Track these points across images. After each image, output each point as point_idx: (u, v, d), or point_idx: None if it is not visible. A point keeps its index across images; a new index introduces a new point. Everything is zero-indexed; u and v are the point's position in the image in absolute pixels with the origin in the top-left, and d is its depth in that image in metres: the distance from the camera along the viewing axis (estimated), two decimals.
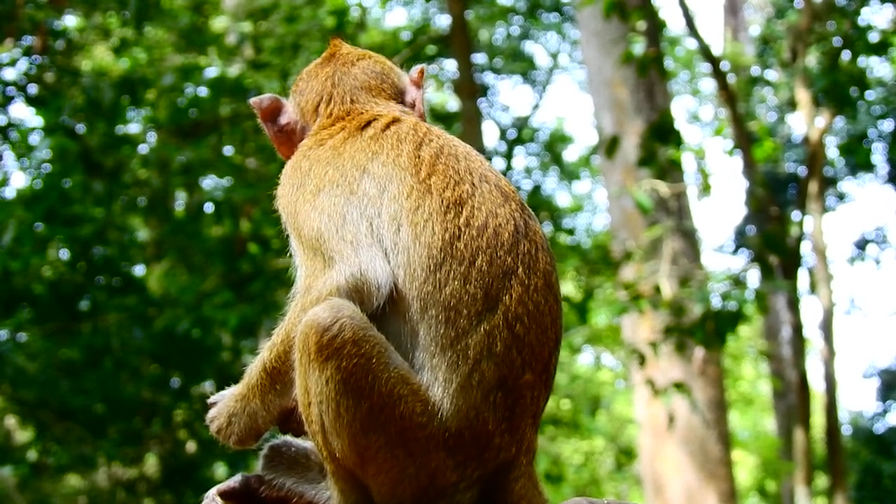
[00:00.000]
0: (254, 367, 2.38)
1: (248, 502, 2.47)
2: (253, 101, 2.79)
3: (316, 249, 2.34)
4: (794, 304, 14.01)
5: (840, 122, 17.00)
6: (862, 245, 20.38)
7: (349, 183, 2.40)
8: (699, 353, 9.74)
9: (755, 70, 17.63)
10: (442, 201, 2.34)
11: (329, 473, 2.30)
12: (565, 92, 44.12)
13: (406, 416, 2.17)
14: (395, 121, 2.57)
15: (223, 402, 2.43)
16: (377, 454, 2.20)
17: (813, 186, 14.04)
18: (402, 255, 2.29)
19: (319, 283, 2.29)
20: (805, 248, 15.24)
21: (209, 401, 2.49)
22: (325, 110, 2.70)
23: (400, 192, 2.36)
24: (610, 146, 8.90)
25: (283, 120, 2.78)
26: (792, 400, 15.95)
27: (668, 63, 20.06)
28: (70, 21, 12.13)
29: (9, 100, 10.26)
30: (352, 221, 2.34)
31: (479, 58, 18.50)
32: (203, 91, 11.67)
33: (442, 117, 18.10)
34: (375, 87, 2.75)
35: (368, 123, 2.56)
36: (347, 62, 2.80)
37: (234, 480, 2.49)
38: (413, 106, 2.78)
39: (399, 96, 2.79)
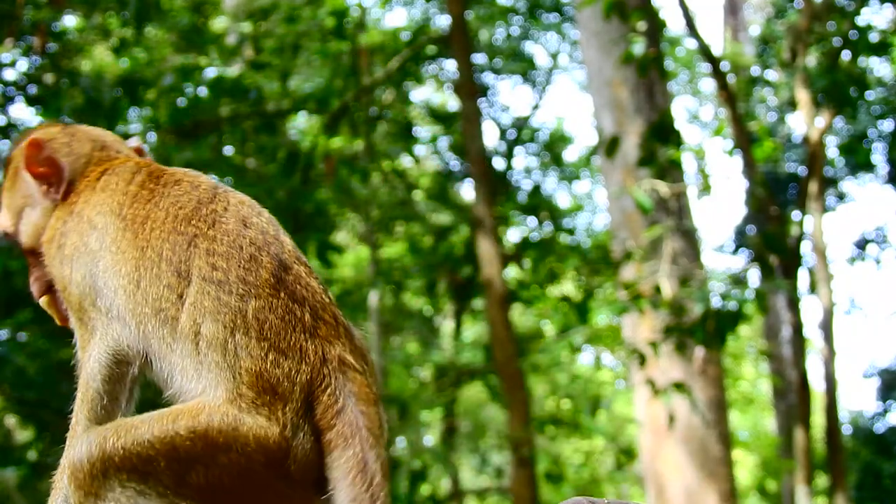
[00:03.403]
0: None
1: None
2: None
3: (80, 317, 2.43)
4: (794, 304, 14.01)
5: (840, 122, 17.00)
6: (862, 245, 20.38)
7: (85, 244, 2.43)
8: (699, 353, 9.74)
9: (755, 70, 17.63)
10: (134, 227, 2.37)
11: None
12: (565, 92, 44.16)
13: (211, 437, 2.14)
14: (123, 162, 2.58)
15: None
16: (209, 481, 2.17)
17: (813, 186, 14.05)
18: (116, 299, 2.33)
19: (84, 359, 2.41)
20: (805, 248, 15.25)
21: None
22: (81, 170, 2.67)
23: (110, 238, 2.39)
24: (610, 146, 8.90)
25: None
26: (792, 400, 15.95)
27: (669, 63, 20.05)
28: (70, 21, 12.13)
29: (9, 100, 10.26)
30: (94, 287, 2.38)
31: (479, 58, 18.49)
32: (203, 91, 11.67)
33: (442, 117, 18.12)
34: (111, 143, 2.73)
35: (103, 173, 2.56)
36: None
37: None
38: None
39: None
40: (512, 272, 17.16)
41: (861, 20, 12.00)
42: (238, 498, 2.18)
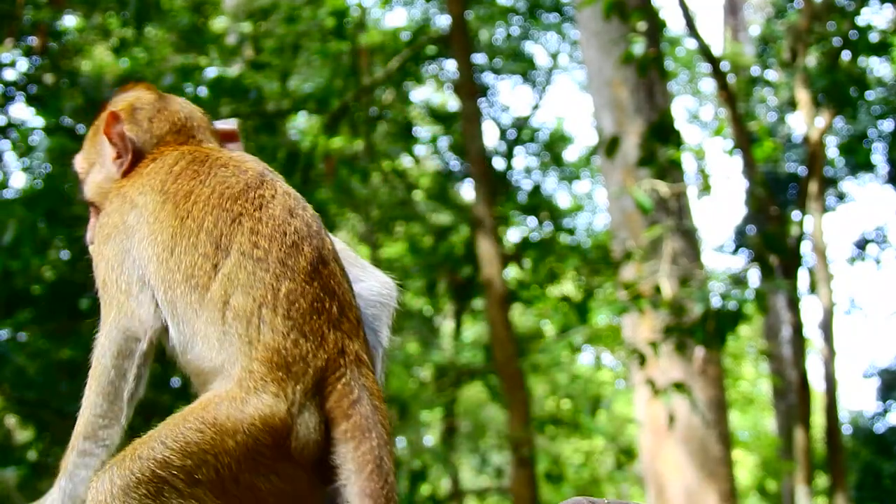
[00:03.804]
0: None
1: None
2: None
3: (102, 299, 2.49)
4: (794, 304, 14.01)
5: (840, 122, 17.01)
6: (862, 245, 20.38)
7: (124, 222, 2.51)
8: (699, 353, 9.74)
9: (755, 70, 17.63)
10: (176, 199, 2.43)
11: None
12: (565, 92, 44.16)
13: (220, 423, 2.18)
14: (172, 151, 2.64)
15: None
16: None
17: (813, 186, 14.05)
18: (148, 266, 2.40)
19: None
20: (805, 248, 15.25)
21: None
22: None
23: (148, 212, 2.46)
24: (610, 146, 8.90)
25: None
26: (792, 400, 15.95)
27: (669, 63, 20.05)
28: (70, 21, 12.13)
29: (9, 100, 10.26)
30: (124, 264, 2.46)
31: (479, 58, 18.49)
32: (203, 91, 11.67)
33: (442, 117, 18.12)
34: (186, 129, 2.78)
35: (154, 159, 2.63)
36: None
37: None
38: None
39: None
40: (512, 272, 17.16)
41: (861, 20, 12.00)
42: (247, 487, 2.19)
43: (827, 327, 15.14)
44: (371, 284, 2.59)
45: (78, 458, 2.39)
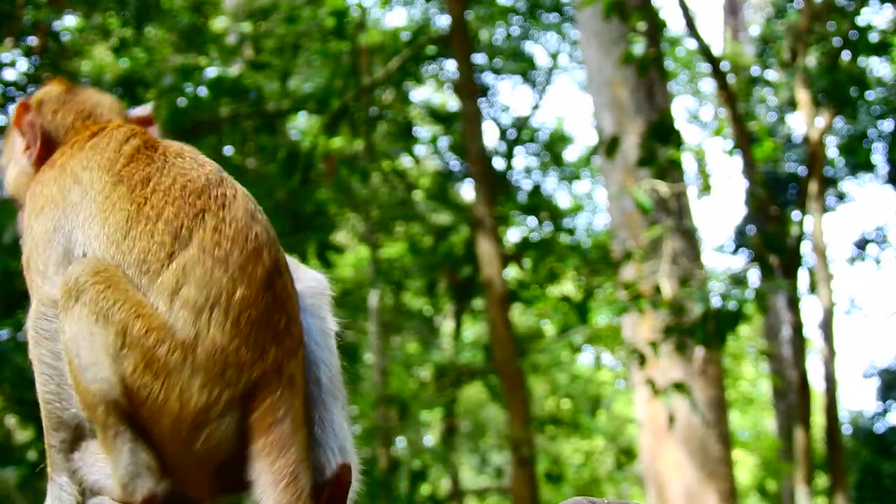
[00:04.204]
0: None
1: None
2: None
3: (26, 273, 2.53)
4: (794, 304, 14.01)
5: (840, 122, 17.01)
6: (862, 245, 20.39)
7: (63, 197, 2.51)
8: (699, 353, 9.74)
9: (755, 70, 17.63)
10: (131, 184, 2.44)
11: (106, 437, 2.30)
12: (565, 92, 44.16)
13: (144, 336, 2.24)
14: (118, 127, 2.65)
15: None
16: (135, 380, 2.24)
17: (813, 186, 14.05)
18: (93, 243, 2.41)
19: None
20: (805, 248, 15.25)
21: None
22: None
23: (95, 191, 2.46)
24: (610, 146, 8.90)
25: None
26: (792, 400, 15.95)
27: (669, 63, 20.06)
28: (70, 21, 12.13)
29: (9, 100, 10.25)
30: (51, 243, 2.48)
31: (479, 58, 18.49)
32: (203, 91, 11.66)
33: (442, 117, 18.12)
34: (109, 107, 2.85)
35: (94, 135, 2.64)
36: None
37: None
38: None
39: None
40: (512, 272, 17.15)
41: (861, 20, 12.00)
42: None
43: (827, 327, 15.14)
44: (307, 280, 2.57)
45: (57, 454, 2.40)
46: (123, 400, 2.24)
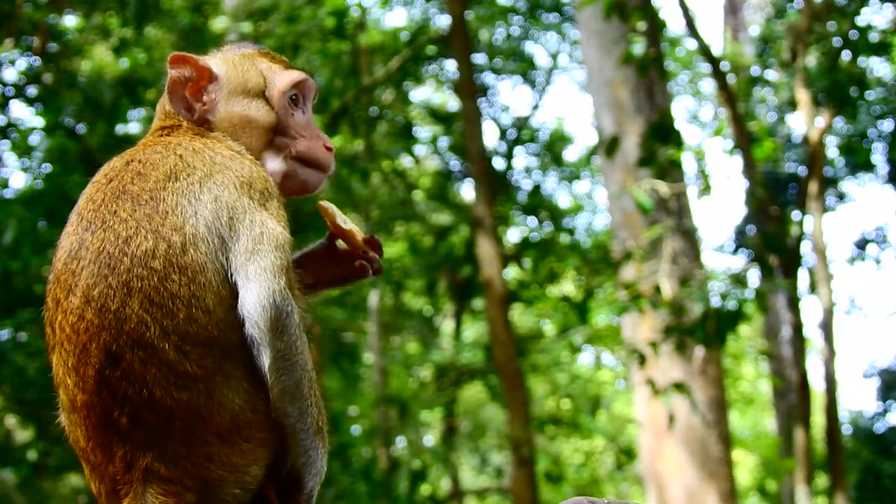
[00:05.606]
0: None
1: None
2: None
3: None
4: (794, 304, 14.00)
5: (840, 122, 17.00)
6: (862, 245, 20.38)
7: None
8: (699, 352, 9.74)
9: (755, 70, 17.63)
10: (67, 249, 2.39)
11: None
12: (565, 92, 44.16)
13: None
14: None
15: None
16: None
17: (813, 186, 14.04)
18: None
19: None
20: (805, 248, 15.25)
21: None
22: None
23: None
24: (610, 146, 8.90)
25: None
26: (792, 400, 15.94)
27: (669, 63, 20.05)
28: (70, 21, 12.13)
29: (9, 100, 10.26)
30: None
31: (479, 58, 18.49)
32: None
33: (442, 117, 18.12)
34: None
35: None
36: None
37: None
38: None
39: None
40: (512, 272, 17.16)
41: (861, 20, 11.99)
42: None
43: (827, 327, 15.13)
44: (246, 302, 2.26)
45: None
46: None
